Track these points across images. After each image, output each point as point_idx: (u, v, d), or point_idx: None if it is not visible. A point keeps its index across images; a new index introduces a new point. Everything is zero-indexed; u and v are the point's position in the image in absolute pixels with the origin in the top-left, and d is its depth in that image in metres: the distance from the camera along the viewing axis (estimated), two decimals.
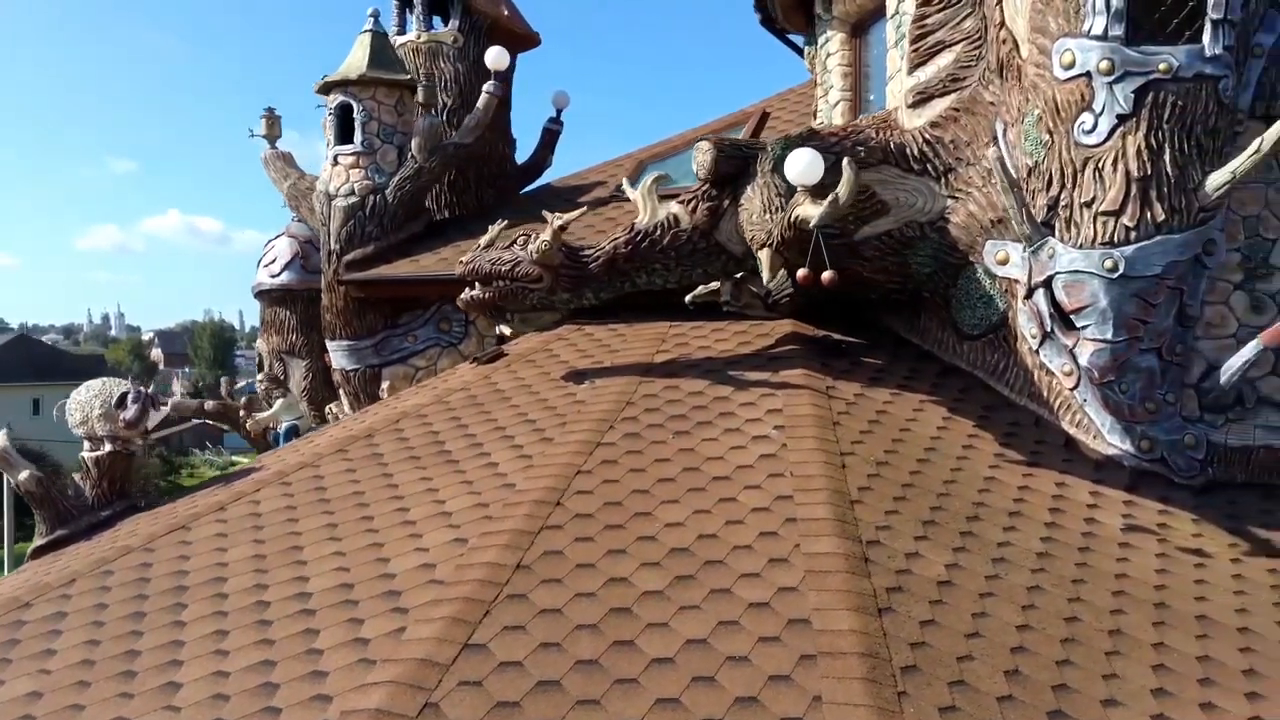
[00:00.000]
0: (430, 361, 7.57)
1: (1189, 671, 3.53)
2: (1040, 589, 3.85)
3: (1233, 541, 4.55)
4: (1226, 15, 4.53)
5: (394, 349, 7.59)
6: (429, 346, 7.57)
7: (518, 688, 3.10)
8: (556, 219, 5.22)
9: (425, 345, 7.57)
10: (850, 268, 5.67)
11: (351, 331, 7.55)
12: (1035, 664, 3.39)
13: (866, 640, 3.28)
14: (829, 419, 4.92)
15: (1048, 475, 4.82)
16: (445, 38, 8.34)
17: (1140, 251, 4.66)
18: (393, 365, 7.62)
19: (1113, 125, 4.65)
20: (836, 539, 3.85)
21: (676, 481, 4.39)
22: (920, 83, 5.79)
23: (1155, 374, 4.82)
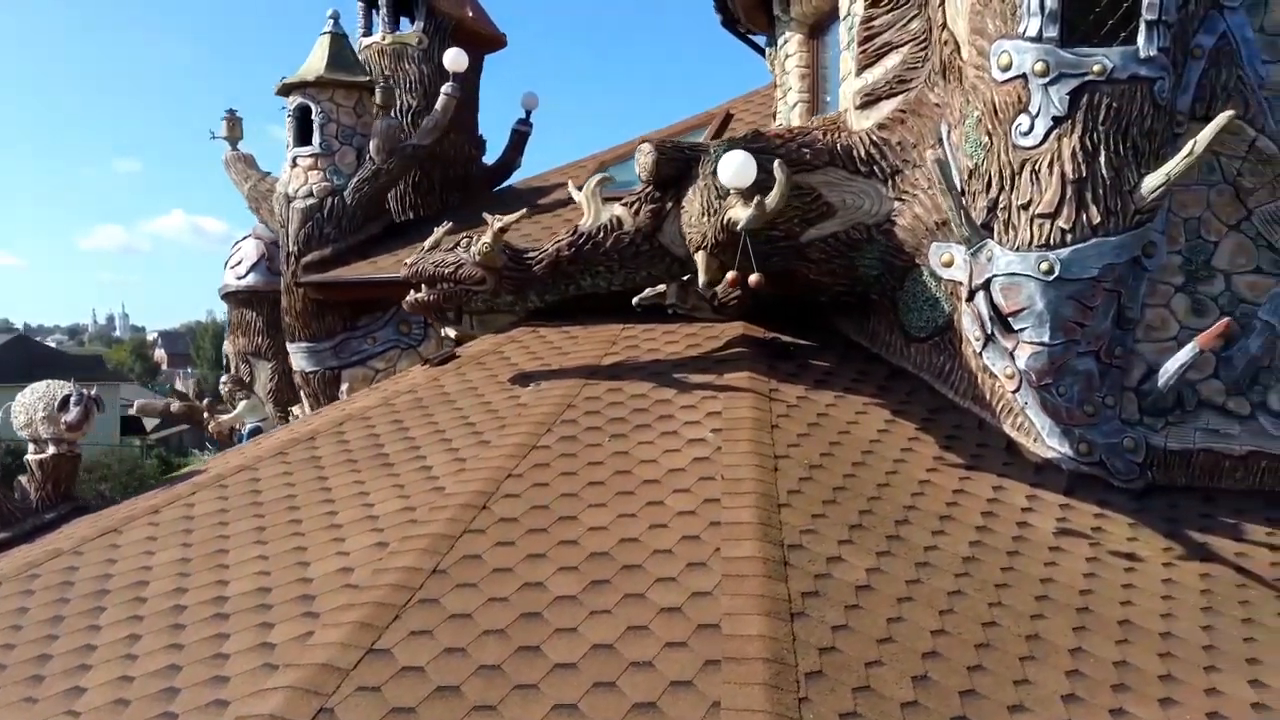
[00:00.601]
0: (390, 363, 7.57)
1: (1104, 677, 3.51)
2: (961, 593, 3.83)
3: (1168, 545, 4.53)
4: (1161, 17, 4.51)
5: (353, 351, 7.59)
6: (388, 348, 7.57)
7: (416, 693, 3.08)
8: (496, 221, 5.20)
9: (385, 347, 7.56)
10: (797, 270, 5.67)
11: (310, 333, 7.55)
12: (946, 669, 3.37)
13: (773, 645, 3.27)
14: (768, 422, 4.90)
15: (985, 478, 4.80)
16: (410, 39, 8.34)
17: (1076, 254, 4.64)
18: (352, 367, 7.61)
19: (1048, 127, 4.64)
20: (758, 543, 3.84)
21: (606, 485, 4.38)
22: (868, 84, 5.77)
23: (1094, 377, 4.80)
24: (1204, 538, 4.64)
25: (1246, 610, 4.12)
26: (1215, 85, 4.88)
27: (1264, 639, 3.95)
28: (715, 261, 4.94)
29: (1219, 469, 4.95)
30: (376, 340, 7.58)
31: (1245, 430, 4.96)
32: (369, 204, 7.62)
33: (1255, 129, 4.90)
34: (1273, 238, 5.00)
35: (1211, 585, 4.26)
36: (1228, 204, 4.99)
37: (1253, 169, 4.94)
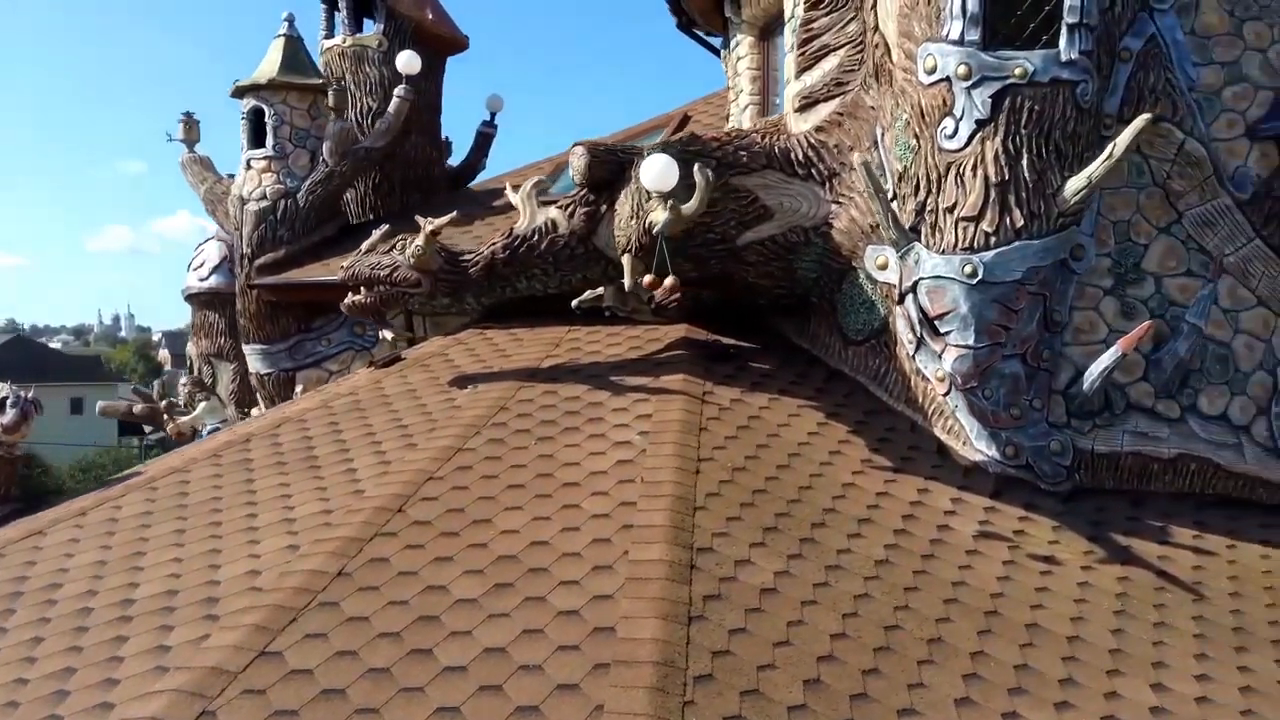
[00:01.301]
0: (344, 365, 7.58)
1: (1002, 680, 3.51)
2: (868, 596, 3.83)
3: (1089, 549, 4.53)
4: (1082, 20, 4.52)
5: (308, 352, 7.61)
6: (343, 350, 7.58)
7: (300, 696, 3.09)
8: (428, 223, 5.22)
9: (339, 349, 7.58)
10: (735, 272, 5.68)
11: (264, 335, 7.57)
12: (840, 672, 3.37)
13: (665, 649, 3.27)
14: (696, 424, 4.90)
15: (911, 481, 4.81)
16: (370, 41, 8.35)
17: (999, 257, 4.65)
18: (306, 369, 7.63)
19: (972, 130, 4.65)
20: (666, 546, 3.84)
21: (526, 488, 4.38)
22: (806, 87, 5.78)
23: (1020, 380, 4.80)
24: (1128, 541, 4.64)
25: (1161, 614, 4.13)
26: (1144, 87, 4.89)
27: (1174, 643, 3.95)
28: (641, 265, 4.94)
29: (1147, 472, 4.95)
30: (331, 342, 7.59)
31: (1174, 433, 4.96)
32: (322, 206, 7.64)
33: (1184, 131, 4.92)
34: (1203, 240, 5.01)
35: (1128, 589, 4.26)
36: (1157, 206, 4.99)
37: (1182, 171, 4.95)
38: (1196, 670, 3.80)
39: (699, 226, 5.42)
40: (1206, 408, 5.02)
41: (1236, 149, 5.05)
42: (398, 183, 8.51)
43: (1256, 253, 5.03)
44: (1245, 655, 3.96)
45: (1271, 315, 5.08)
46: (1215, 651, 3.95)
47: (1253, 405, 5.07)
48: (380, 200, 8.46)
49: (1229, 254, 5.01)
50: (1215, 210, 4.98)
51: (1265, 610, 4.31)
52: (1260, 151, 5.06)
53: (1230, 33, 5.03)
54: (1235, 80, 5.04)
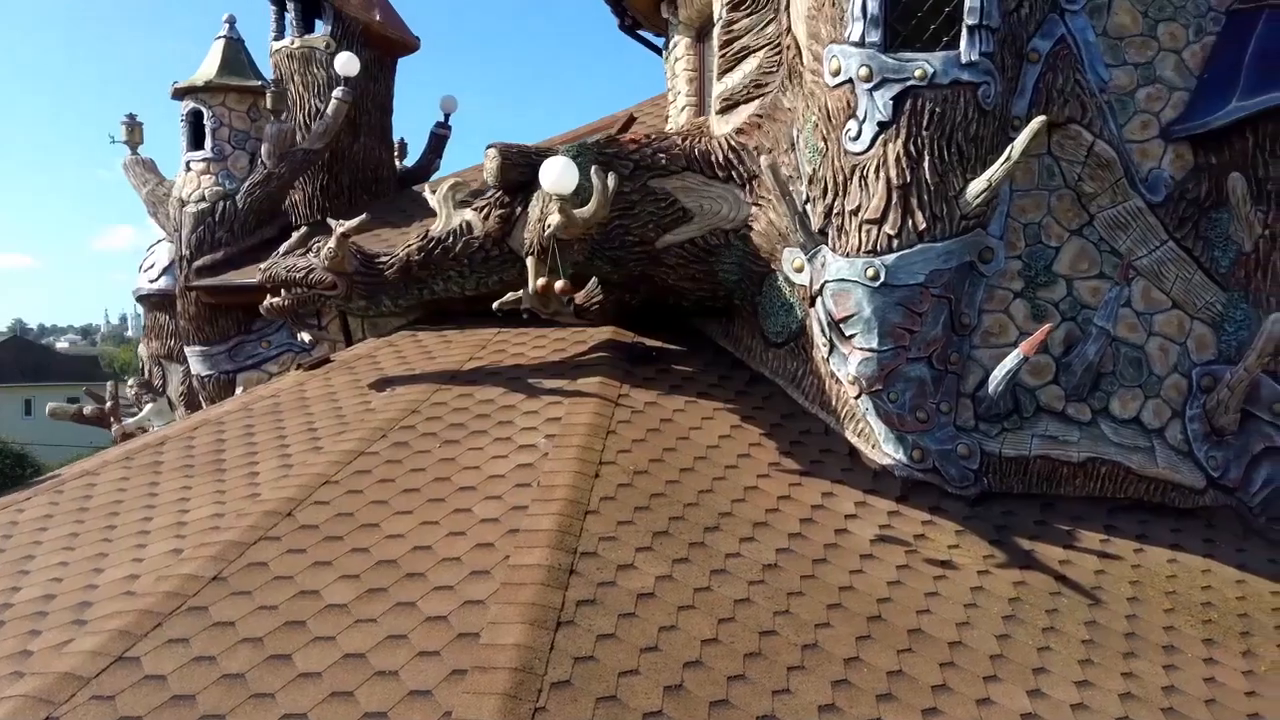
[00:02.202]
0: (284, 367, 7.56)
1: (872, 687, 3.49)
2: (749, 601, 3.81)
3: (990, 553, 4.51)
4: (982, 21, 4.49)
5: (248, 354, 7.60)
6: (283, 352, 7.57)
7: (148, 703, 3.08)
8: (339, 226, 5.20)
9: (279, 351, 7.56)
10: (655, 275, 5.66)
11: (204, 337, 7.57)
12: (705, 679, 3.35)
13: (526, 654, 3.25)
14: (604, 428, 4.89)
15: (816, 485, 4.79)
16: (318, 43, 8.34)
17: (901, 260, 4.62)
18: (247, 371, 7.62)
19: (874, 133, 4.62)
20: (548, 550, 3.82)
21: (420, 492, 4.37)
22: (727, 89, 5.76)
23: (926, 383, 4.77)
24: (1031, 545, 4.62)
25: (1052, 619, 4.10)
26: (1052, 89, 4.86)
27: (1060, 649, 3.93)
28: (544, 267, 4.92)
29: (1057, 476, 4.92)
30: (271, 344, 7.58)
31: (1085, 436, 4.94)
32: (261, 208, 7.63)
33: (1093, 134, 4.89)
34: (1116, 242, 4.99)
35: (1023, 593, 4.24)
36: (1069, 209, 4.97)
37: (1093, 173, 4.93)
38: (1079, 676, 3.78)
39: (616, 229, 5.42)
40: (1119, 411, 5.00)
41: (1150, 151, 5.03)
42: (346, 184, 8.50)
43: (1170, 255, 5.00)
44: (1132, 661, 3.94)
45: (1186, 318, 5.06)
46: (1102, 657, 3.93)
47: (1167, 408, 5.05)
48: (328, 202, 8.45)
49: (1142, 256, 4.99)
50: (1127, 212, 4.95)
51: (1162, 615, 4.29)
52: (1175, 153, 5.04)
53: (1144, 34, 5.01)
54: (1149, 81, 5.02)
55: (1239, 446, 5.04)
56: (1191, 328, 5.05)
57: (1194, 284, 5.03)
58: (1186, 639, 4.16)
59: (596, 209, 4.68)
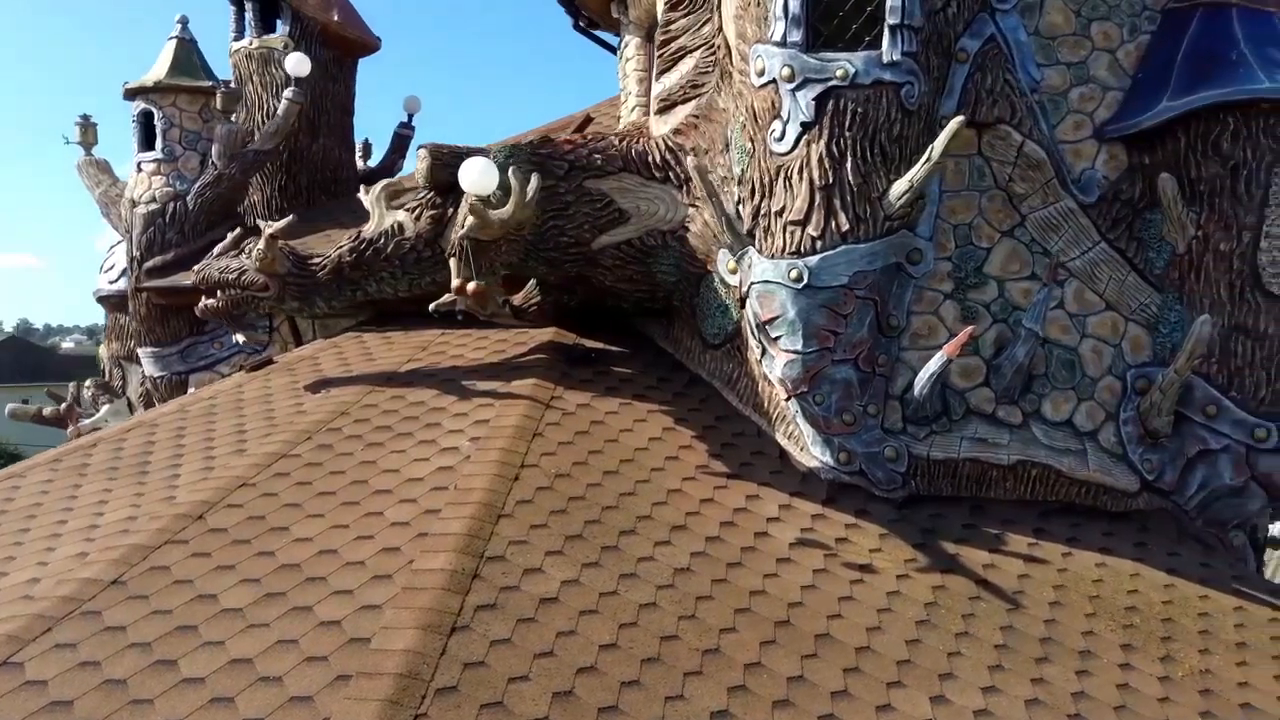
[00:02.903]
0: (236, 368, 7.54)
1: (769, 693, 3.45)
2: (655, 606, 3.78)
3: (912, 557, 4.47)
4: (904, 21, 4.45)
5: (200, 356, 7.58)
6: (235, 353, 7.54)
7: (26, 708, 3.05)
8: (267, 227, 5.18)
9: (231, 352, 7.54)
10: (591, 276, 5.63)
11: (156, 338, 7.55)
12: (598, 685, 3.32)
13: (414, 660, 3.22)
14: (531, 430, 4.85)
15: (743, 488, 4.75)
16: (276, 43, 8.32)
17: (825, 262, 4.59)
18: (199, 372, 7.61)
19: (798, 133, 4.59)
20: (454, 555, 3.78)
21: (335, 495, 4.34)
22: (665, 89, 5.73)
23: (853, 385, 4.74)
24: (956, 549, 4.58)
25: (967, 624, 4.07)
26: (981, 89, 4.82)
27: (971, 654, 3.89)
28: (467, 268, 4.89)
29: (986, 479, 4.89)
30: (223, 345, 7.56)
31: (1015, 439, 4.90)
32: (212, 209, 7.61)
33: (1023, 134, 4.85)
34: (1047, 243, 4.95)
35: (940, 598, 4.20)
36: (999, 209, 4.93)
37: (1023, 174, 4.89)
38: (986, 682, 3.74)
39: (551, 229, 5.39)
40: (1050, 413, 4.96)
41: (1084, 151, 4.99)
42: (304, 185, 8.48)
43: (1103, 256, 4.97)
44: (1044, 666, 3.90)
45: (1121, 319, 5.02)
46: (1013, 662, 3.89)
47: (1101, 411, 5.00)
48: (286, 202, 8.42)
49: (1074, 258, 4.95)
50: (1059, 213, 4.91)
51: (1083, 620, 4.25)
52: (1108, 154, 5.00)
53: (1076, 33, 4.97)
54: (1082, 81, 4.98)
55: (1174, 449, 5.00)
56: (1126, 329, 5.01)
57: (1128, 285, 4.99)
58: (1105, 644, 4.12)
59: (514, 210, 4.65)
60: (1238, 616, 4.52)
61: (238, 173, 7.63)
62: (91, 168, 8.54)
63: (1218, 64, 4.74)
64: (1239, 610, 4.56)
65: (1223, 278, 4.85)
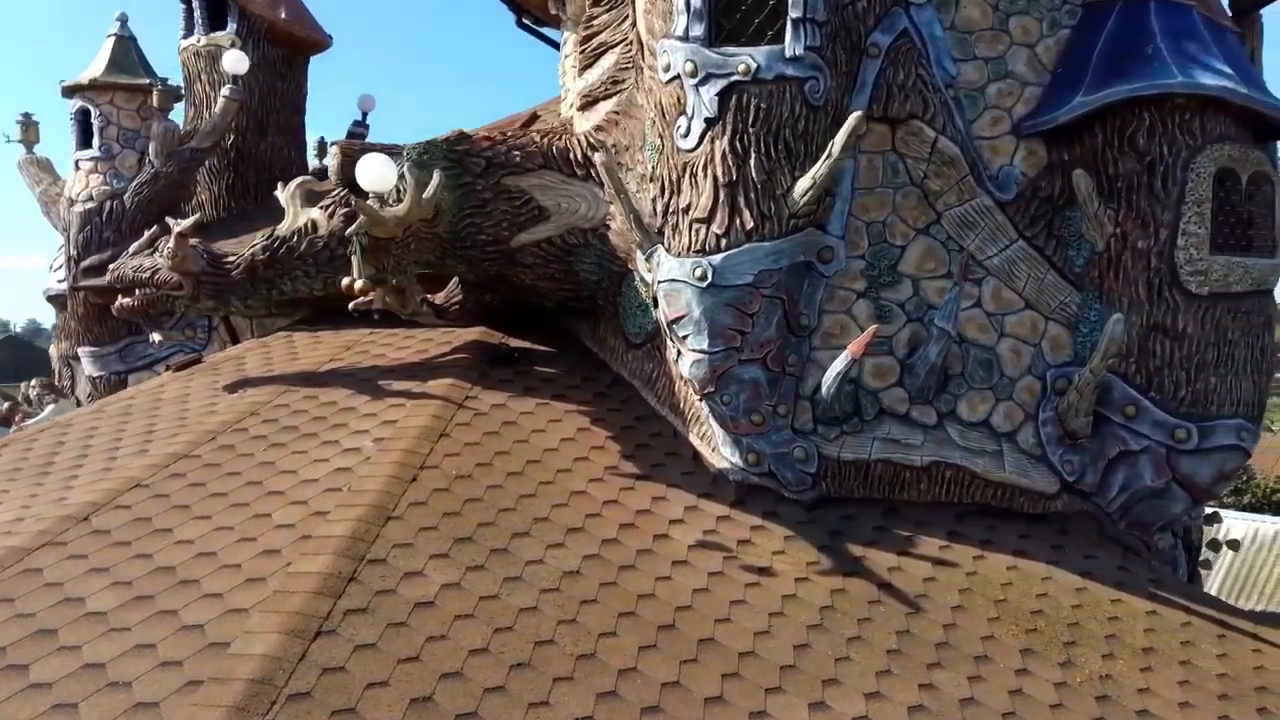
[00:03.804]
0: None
1: (640, 699, 3.38)
2: (536, 610, 3.71)
3: (815, 560, 4.40)
4: (807, 15, 4.38)
5: (139, 355, 7.53)
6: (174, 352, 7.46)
7: None
8: (176, 225, 5.12)
9: (170, 352, 7.47)
10: (512, 275, 5.57)
11: (94, 338, 7.51)
12: (460, 691, 3.25)
13: (269, 665, 3.15)
14: (438, 431, 4.79)
15: (650, 489, 4.69)
16: (223, 41, 8.26)
17: (729, 260, 4.52)
18: (138, 372, 7.56)
19: (702, 129, 4.53)
20: (334, 558, 3.72)
21: (227, 497, 4.29)
22: (587, 85, 5.66)
23: (761, 385, 4.66)
24: (863, 551, 4.51)
25: (861, 628, 3.99)
26: (893, 85, 4.74)
27: (861, 659, 3.82)
28: (369, 266, 4.82)
29: (899, 480, 4.81)
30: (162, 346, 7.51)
31: (929, 440, 4.82)
32: (149, 207, 7.55)
33: (936, 130, 4.77)
34: (964, 241, 4.87)
35: (838, 601, 4.13)
36: (915, 207, 4.86)
37: (938, 171, 4.81)
38: (871, 688, 3.67)
39: (468, 227, 5.33)
40: (966, 414, 4.88)
41: (1002, 147, 4.91)
42: (253, 184, 8.42)
43: (1021, 254, 4.89)
44: (935, 671, 3.83)
45: (1040, 318, 4.94)
46: (903, 668, 3.81)
47: (1020, 411, 4.93)
48: (234, 201, 8.37)
49: (992, 256, 4.87)
50: (975, 210, 4.84)
51: (985, 625, 4.17)
52: (1027, 150, 4.92)
53: (994, 28, 4.90)
54: (1000, 76, 4.90)
55: (1094, 450, 4.91)
56: (1046, 329, 4.93)
57: (1047, 284, 4.91)
58: (1003, 649, 4.05)
59: (409, 209, 4.59)
60: (1149, 621, 4.44)
61: (175, 171, 7.57)
62: (32, 166, 8.48)
63: (1133, 59, 4.66)
64: (1151, 615, 4.48)
65: (1141, 276, 4.77)
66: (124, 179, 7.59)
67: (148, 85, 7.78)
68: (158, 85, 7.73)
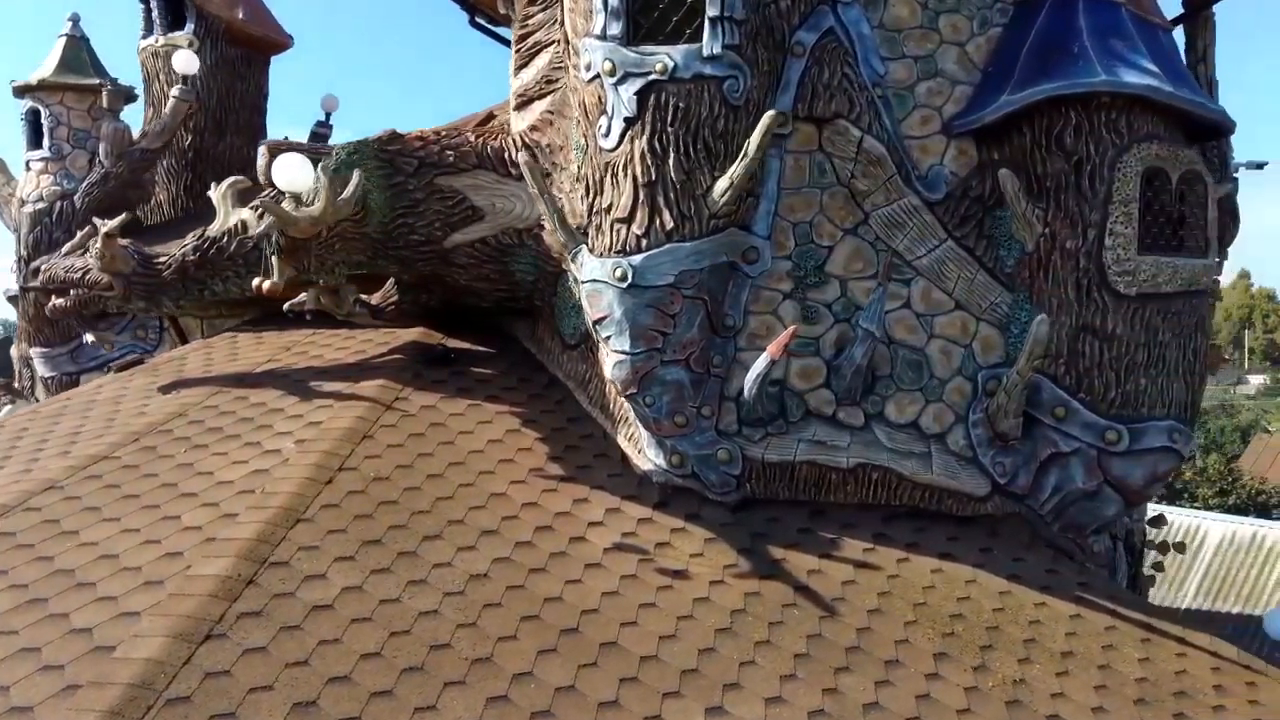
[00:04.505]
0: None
1: (531, 704, 3.35)
2: (437, 614, 3.68)
3: (733, 562, 4.37)
4: (724, 13, 4.34)
5: (90, 356, 7.51)
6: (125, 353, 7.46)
7: None
8: (103, 226, 5.10)
9: (122, 352, 7.46)
10: (446, 275, 5.54)
11: (45, 338, 7.49)
12: (345, 695, 3.22)
13: (151, 669, 3.13)
14: (362, 432, 4.76)
15: (572, 491, 4.65)
16: (181, 41, 8.23)
17: (649, 260, 4.49)
18: (90, 372, 7.53)
19: (622, 129, 4.50)
20: (234, 560, 3.69)
21: (139, 499, 4.26)
22: (522, 84, 5.62)
23: (685, 386, 4.63)
24: (784, 554, 4.47)
25: (771, 632, 3.95)
26: (818, 83, 4.70)
27: (766, 664, 3.78)
28: (288, 267, 4.80)
29: (825, 482, 4.78)
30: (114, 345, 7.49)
31: (856, 442, 4.78)
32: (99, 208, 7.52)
33: (861, 129, 4.73)
34: (892, 242, 4.83)
35: (750, 605, 4.09)
36: (842, 207, 4.82)
37: (865, 170, 4.77)
38: (774, 693, 3.63)
39: (400, 227, 5.30)
40: (894, 415, 4.84)
41: (932, 147, 4.87)
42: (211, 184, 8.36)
43: (950, 254, 4.85)
44: (842, 676, 3.79)
45: (971, 319, 4.90)
46: (810, 672, 3.78)
47: (950, 413, 4.89)
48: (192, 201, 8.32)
49: (921, 256, 4.83)
50: (902, 210, 4.80)
51: (899, 629, 4.14)
52: (958, 149, 4.88)
53: (924, 26, 4.86)
54: (930, 75, 4.86)
55: (1027, 452, 4.87)
56: (977, 329, 4.89)
57: (977, 284, 4.87)
58: (916, 653, 4.01)
59: (323, 210, 4.56)
60: (1072, 625, 4.40)
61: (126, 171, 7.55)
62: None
63: (1058, 57, 4.62)
64: (1075, 619, 4.44)
65: (1070, 276, 4.72)
66: (75, 179, 7.57)
67: (98, 85, 7.76)
68: (108, 85, 7.71)
